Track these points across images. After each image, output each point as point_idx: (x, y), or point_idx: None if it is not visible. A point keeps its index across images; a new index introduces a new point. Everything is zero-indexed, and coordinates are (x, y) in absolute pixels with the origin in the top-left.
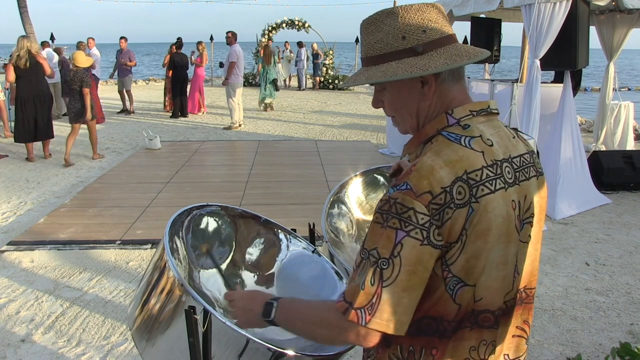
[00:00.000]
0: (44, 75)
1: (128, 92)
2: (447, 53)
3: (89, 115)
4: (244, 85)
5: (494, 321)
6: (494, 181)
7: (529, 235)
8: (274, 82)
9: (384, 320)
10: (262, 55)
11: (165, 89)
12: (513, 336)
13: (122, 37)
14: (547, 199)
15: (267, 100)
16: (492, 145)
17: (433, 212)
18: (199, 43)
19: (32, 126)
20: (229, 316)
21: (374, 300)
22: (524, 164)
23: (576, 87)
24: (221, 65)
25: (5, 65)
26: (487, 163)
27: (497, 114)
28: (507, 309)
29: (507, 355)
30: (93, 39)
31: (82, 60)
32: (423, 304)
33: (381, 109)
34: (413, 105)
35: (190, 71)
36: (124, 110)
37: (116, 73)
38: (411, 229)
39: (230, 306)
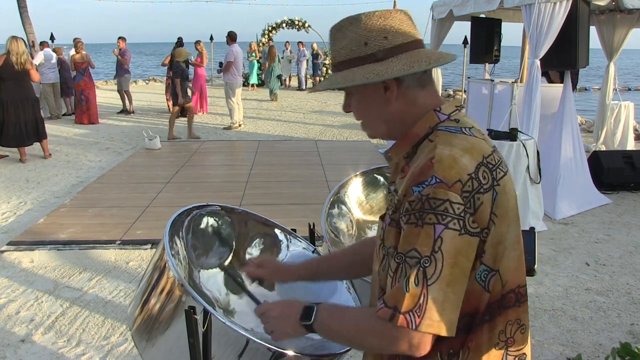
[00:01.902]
0: (29, 80)
1: (126, 92)
2: (407, 59)
3: (180, 100)
4: (260, 86)
5: (515, 299)
6: (502, 164)
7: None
8: (279, 77)
9: (434, 321)
10: (267, 54)
11: (165, 88)
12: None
13: (120, 37)
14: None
15: (276, 92)
16: (483, 135)
17: (465, 200)
18: (197, 42)
19: (17, 131)
20: (261, 332)
21: (421, 302)
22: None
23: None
24: (220, 65)
25: None
26: (492, 148)
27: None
28: (526, 289)
29: (528, 325)
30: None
31: (180, 54)
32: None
33: None
34: (378, 110)
35: (190, 72)
36: (124, 111)
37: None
38: (449, 220)
39: (264, 319)
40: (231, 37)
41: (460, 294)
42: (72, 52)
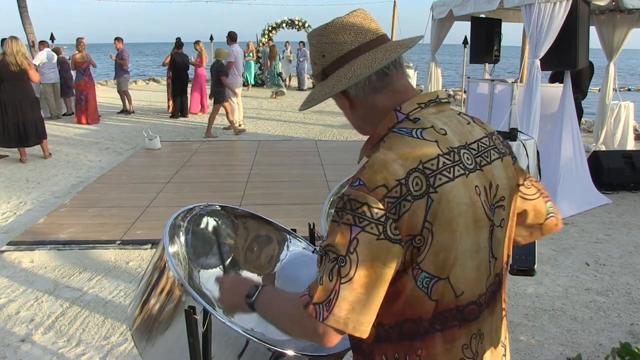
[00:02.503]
0: (29, 79)
1: (125, 92)
2: (340, 74)
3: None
4: (258, 86)
5: (478, 311)
6: (452, 169)
7: (503, 219)
8: (280, 75)
9: (341, 318)
10: (269, 53)
11: (167, 89)
12: (501, 320)
13: (116, 38)
14: (519, 178)
15: (282, 88)
16: (445, 134)
17: (389, 205)
18: (197, 43)
19: (17, 131)
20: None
21: (331, 297)
22: (483, 148)
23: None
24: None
25: None
26: (443, 151)
27: (448, 102)
28: (491, 295)
29: (502, 341)
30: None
31: (221, 54)
32: (396, 306)
33: None
34: (349, 115)
35: (191, 72)
36: (124, 111)
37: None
38: (366, 224)
39: (219, 289)
40: (231, 38)
41: (375, 297)
42: (76, 51)
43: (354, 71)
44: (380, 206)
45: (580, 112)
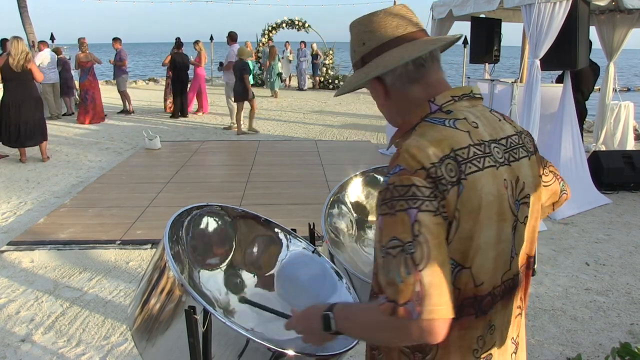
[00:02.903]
0: (32, 79)
1: (122, 92)
2: (379, 62)
3: (250, 94)
4: (255, 85)
5: (492, 302)
6: (482, 159)
7: (526, 217)
8: (279, 75)
9: (435, 306)
10: (269, 53)
11: (165, 89)
12: (515, 317)
13: (115, 38)
14: (539, 169)
15: (277, 90)
16: (477, 127)
17: (432, 185)
18: (196, 43)
19: (20, 130)
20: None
21: (417, 289)
22: (512, 145)
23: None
24: (221, 65)
25: None
26: (474, 142)
27: (481, 98)
28: (507, 290)
29: (513, 337)
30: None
31: (244, 53)
32: None
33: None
34: (383, 104)
35: (191, 72)
36: (124, 111)
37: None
38: (420, 203)
39: (297, 333)
40: (232, 37)
41: (449, 273)
42: (79, 51)
43: (392, 59)
44: (427, 184)
45: (584, 113)
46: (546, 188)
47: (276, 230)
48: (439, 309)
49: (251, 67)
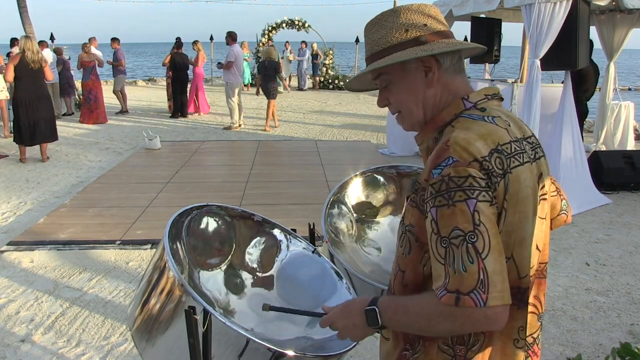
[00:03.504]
0: (43, 78)
1: (117, 92)
2: (447, 42)
3: (281, 89)
4: (255, 85)
5: (525, 298)
6: (521, 155)
7: (547, 213)
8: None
9: (499, 293)
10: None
11: (167, 89)
12: (529, 313)
13: (113, 38)
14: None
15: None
16: (510, 125)
17: (486, 176)
18: (195, 43)
19: (33, 129)
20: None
21: (482, 277)
22: (535, 144)
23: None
24: (219, 65)
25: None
26: (512, 138)
27: (502, 99)
28: (532, 285)
29: (532, 335)
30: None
31: (272, 53)
32: None
33: (383, 109)
34: (419, 95)
35: (191, 72)
36: (121, 111)
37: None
38: (478, 193)
39: (333, 329)
40: (232, 37)
41: (505, 262)
42: (98, 52)
43: (458, 43)
44: (482, 175)
45: (585, 113)
46: (550, 198)
47: (276, 230)
48: (502, 296)
49: (247, 68)
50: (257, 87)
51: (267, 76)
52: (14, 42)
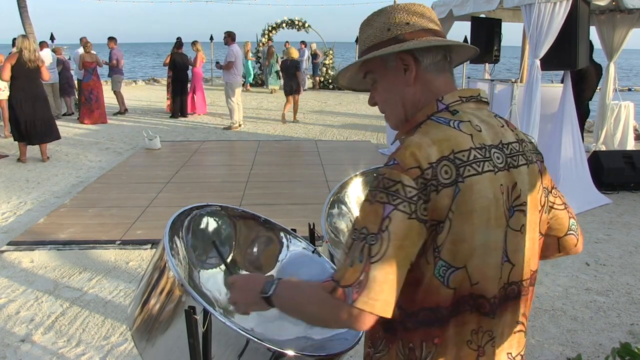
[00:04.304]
0: (40, 77)
1: (115, 92)
2: (425, 40)
3: (300, 90)
4: (255, 85)
5: (489, 309)
6: (481, 163)
7: (523, 225)
8: (277, 73)
9: (370, 299)
10: (267, 53)
11: (167, 89)
12: (515, 332)
13: (110, 38)
14: (548, 183)
15: (275, 87)
16: (480, 131)
17: (421, 186)
18: (194, 43)
19: (31, 128)
20: (229, 305)
21: (361, 278)
22: (513, 152)
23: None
24: (218, 65)
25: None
26: (475, 145)
27: (487, 103)
28: (504, 300)
29: (511, 353)
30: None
31: (295, 53)
32: (416, 295)
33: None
34: (399, 93)
35: (190, 72)
36: (120, 111)
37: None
38: (399, 202)
39: (230, 290)
40: (231, 37)
41: (401, 278)
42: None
43: (443, 39)
44: (414, 185)
45: (587, 113)
46: (552, 210)
47: (276, 230)
48: (374, 303)
49: (250, 68)
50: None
51: (289, 74)
52: (15, 42)
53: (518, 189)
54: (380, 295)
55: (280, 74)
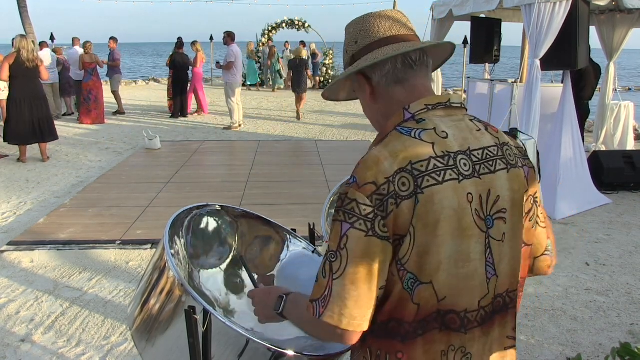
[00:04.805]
0: (39, 77)
1: (114, 92)
2: (368, 57)
3: (308, 85)
4: (255, 85)
5: (460, 324)
6: (442, 172)
7: (504, 234)
8: (279, 72)
9: (335, 314)
10: (268, 53)
11: (168, 88)
12: (506, 348)
13: (111, 38)
14: (536, 193)
15: (279, 86)
16: (446, 137)
17: (377, 203)
18: (193, 43)
19: (29, 128)
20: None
21: (326, 293)
22: (488, 156)
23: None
24: (218, 64)
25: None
26: (437, 154)
27: (462, 108)
28: (488, 316)
29: None
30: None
31: (304, 53)
32: (386, 305)
33: None
34: (368, 108)
35: (191, 72)
36: (118, 111)
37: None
38: (355, 220)
39: (252, 304)
40: (230, 37)
41: (367, 293)
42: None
43: (379, 54)
44: (369, 202)
45: (587, 113)
46: (537, 225)
47: (276, 230)
48: (337, 318)
49: (255, 68)
50: (287, 81)
51: (298, 72)
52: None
53: (495, 195)
54: (345, 310)
55: (282, 72)
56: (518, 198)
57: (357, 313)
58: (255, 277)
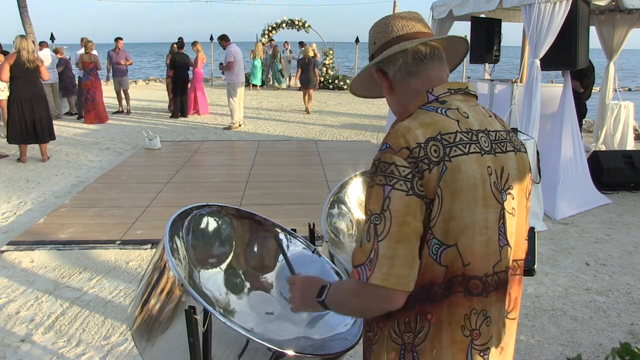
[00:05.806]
0: (39, 77)
1: (125, 91)
2: (384, 53)
3: (316, 85)
4: (263, 87)
5: (482, 288)
6: (468, 145)
7: (514, 208)
8: (280, 71)
9: (383, 274)
10: (272, 52)
11: (167, 88)
12: (512, 318)
13: (118, 38)
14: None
15: (282, 85)
16: (467, 117)
17: (412, 164)
18: (194, 44)
19: (30, 128)
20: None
21: (372, 256)
22: (500, 138)
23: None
24: (221, 66)
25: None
26: (462, 129)
27: (475, 96)
28: (501, 282)
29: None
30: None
31: (311, 52)
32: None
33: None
34: (390, 100)
35: (191, 72)
36: (120, 111)
37: (111, 74)
38: (395, 181)
39: (290, 289)
40: (224, 39)
41: (412, 251)
42: (81, 50)
43: (389, 52)
44: (406, 164)
45: (584, 112)
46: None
47: (276, 230)
48: (387, 278)
49: (260, 68)
50: (295, 78)
51: (306, 70)
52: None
53: (506, 172)
54: (392, 269)
55: (283, 72)
56: (522, 178)
57: (404, 272)
58: (228, 261)
